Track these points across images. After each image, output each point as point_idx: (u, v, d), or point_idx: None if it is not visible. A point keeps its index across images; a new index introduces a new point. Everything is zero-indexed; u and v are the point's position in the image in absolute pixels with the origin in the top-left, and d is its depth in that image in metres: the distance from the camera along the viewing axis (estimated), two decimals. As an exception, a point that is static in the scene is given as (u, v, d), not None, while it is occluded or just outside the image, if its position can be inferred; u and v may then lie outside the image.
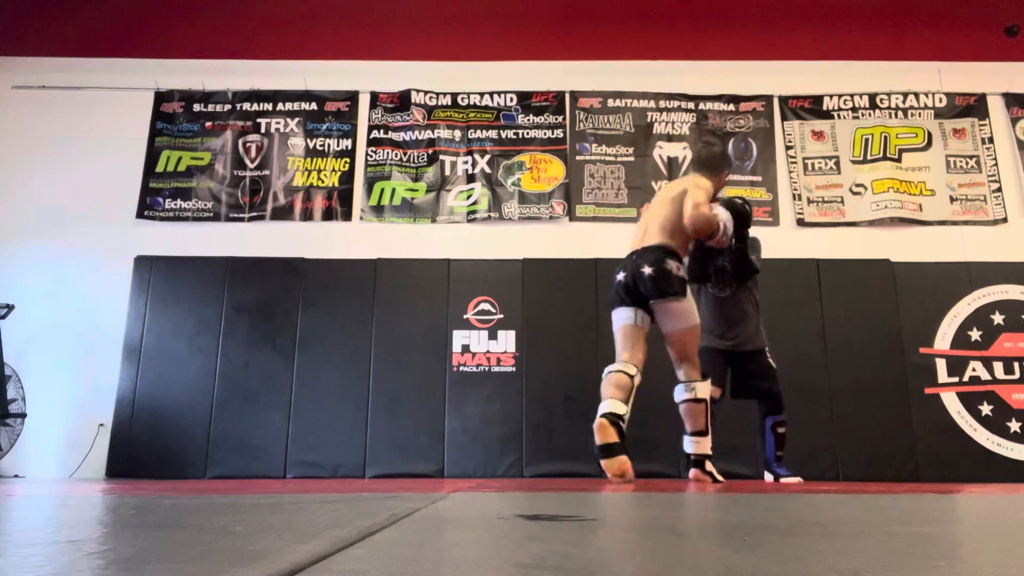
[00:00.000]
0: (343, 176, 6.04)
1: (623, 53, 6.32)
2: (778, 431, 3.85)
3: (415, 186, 6.02)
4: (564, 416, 5.17)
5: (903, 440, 5.10)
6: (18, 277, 5.67)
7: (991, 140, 6.07)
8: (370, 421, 5.20)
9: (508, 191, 6.00)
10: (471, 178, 6.05)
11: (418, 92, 6.24)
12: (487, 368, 5.31)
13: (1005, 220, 5.86)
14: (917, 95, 6.22)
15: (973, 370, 5.27)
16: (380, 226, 5.91)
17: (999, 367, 5.27)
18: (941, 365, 5.28)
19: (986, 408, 5.18)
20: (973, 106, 6.17)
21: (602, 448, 3.06)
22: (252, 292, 5.48)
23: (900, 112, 6.20)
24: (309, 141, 6.14)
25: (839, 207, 5.95)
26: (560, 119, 6.19)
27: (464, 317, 5.42)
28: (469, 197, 6.01)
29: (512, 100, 6.24)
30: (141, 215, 5.91)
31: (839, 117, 6.20)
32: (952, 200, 5.92)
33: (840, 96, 6.24)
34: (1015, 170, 6.02)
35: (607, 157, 6.08)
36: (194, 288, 5.50)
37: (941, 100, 6.20)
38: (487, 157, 6.10)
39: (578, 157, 6.09)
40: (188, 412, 5.21)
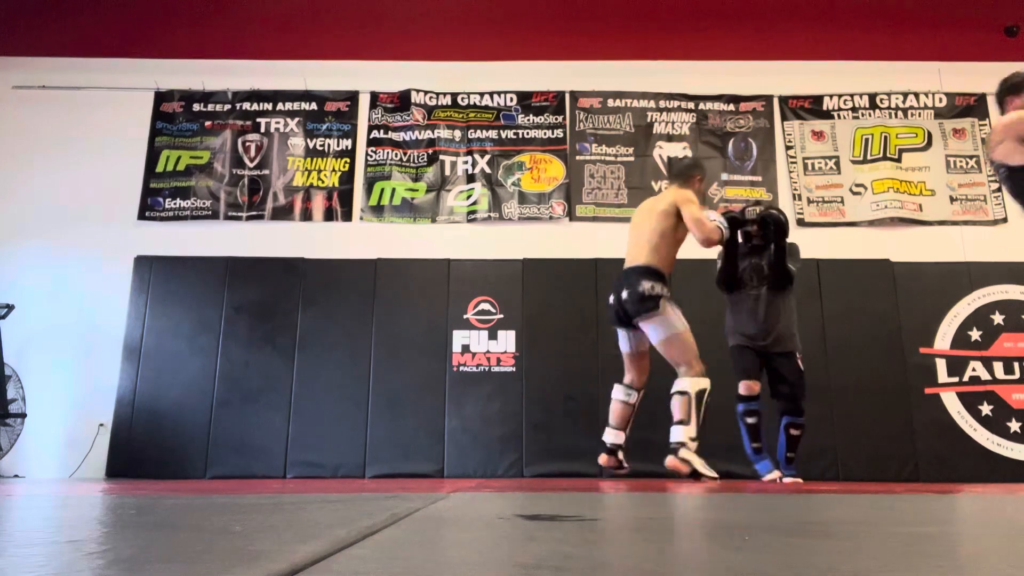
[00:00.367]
0: (343, 176, 6.04)
1: (623, 53, 6.32)
2: (791, 432, 3.89)
3: (415, 186, 6.02)
4: (564, 416, 5.17)
5: (903, 440, 5.10)
6: (18, 277, 5.67)
7: (991, 140, 6.07)
8: (370, 421, 5.20)
9: (508, 191, 6.00)
10: (471, 178, 6.05)
11: (418, 92, 6.24)
12: (487, 368, 5.31)
13: (1005, 220, 5.86)
14: (917, 95, 6.22)
15: (973, 370, 5.27)
16: (380, 226, 5.91)
17: (999, 367, 5.27)
18: (941, 365, 5.28)
19: (986, 408, 5.18)
20: (973, 106, 6.17)
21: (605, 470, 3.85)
22: (252, 292, 5.48)
23: (900, 112, 6.19)
24: (309, 141, 6.14)
25: (839, 207, 5.95)
26: (560, 119, 6.19)
27: (464, 317, 5.42)
28: (469, 197, 6.01)
29: (512, 100, 6.24)
30: (143, 216, 5.92)
31: (839, 117, 6.20)
32: (952, 200, 5.92)
33: (840, 96, 6.23)
34: (1015, 170, 6.01)
35: (607, 157, 6.08)
36: (194, 288, 5.50)
37: (941, 100, 6.20)
38: (487, 157, 6.10)
39: (578, 157, 6.09)
40: (188, 412, 5.21)
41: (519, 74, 6.29)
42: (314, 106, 6.22)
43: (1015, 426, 5.13)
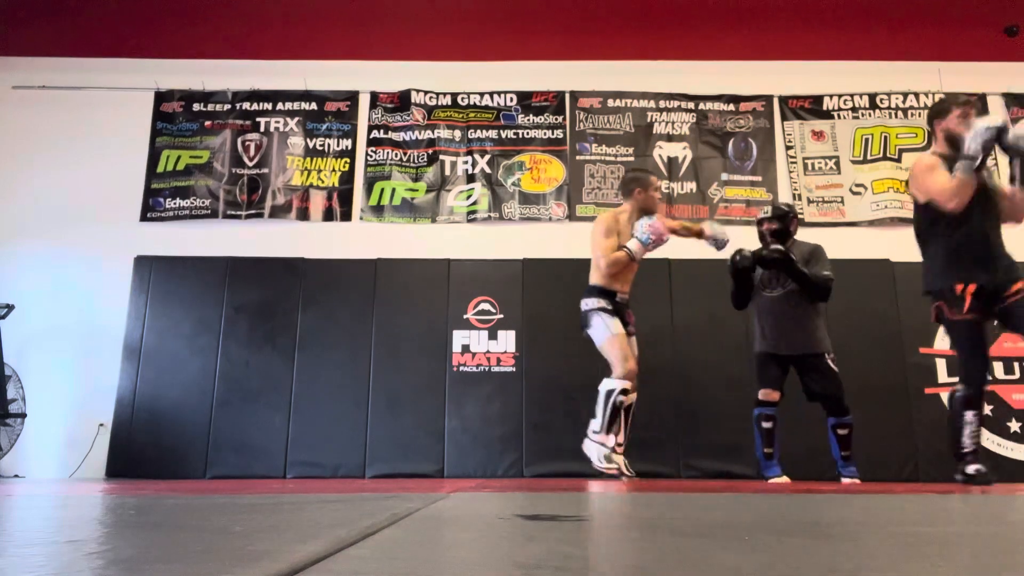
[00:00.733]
0: (343, 176, 6.04)
1: (623, 53, 6.32)
2: (839, 432, 3.87)
3: (415, 186, 6.02)
4: (564, 416, 5.17)
5: (903, 440, 5.10)
6: (18, 277, 5.68)
7: (991, 140, 6.06)
8: (370, 421, 5.20)
9: (508, 191, 6.00)
10: (471, 178, 6.05)
11: (418, 92, 6.24)
12: (487, 368, 5.31)
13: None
14: (917, 95, 6.22)
15: (973, 370, 5.26)
16: (380, 226, 5.91)
17: (999, 367, 5.27)
18: (941, 365, 5.28)
19: (986, 408, 5.18)
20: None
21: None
22: (252, 292, 5.48)
23: (900, 112, 6.20)
24: (309, 141, 6.15)
25: (839, 207, 5.95)
26: (560, 119, 6.19)
27: (464, 317, 5.42)
28: (469, 197, 6.01)
29: (512, 100, 6.24)
30: (145, 218, 5.92)
31: (839, 117, 6.20)
32: (952, 200, 5.91)
33: (840, 96, 6.24)
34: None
35: (607, 157, 6.08)
36: (194, 288, 5.50)
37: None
38: (487, 157, 6.10)
39: (578, 157, 6.09)
40: (188, 412, 5.21)
41: (519, 74, 6.29)
42: (314, 106, 6.22)
43: (1015, 426, 5.13)
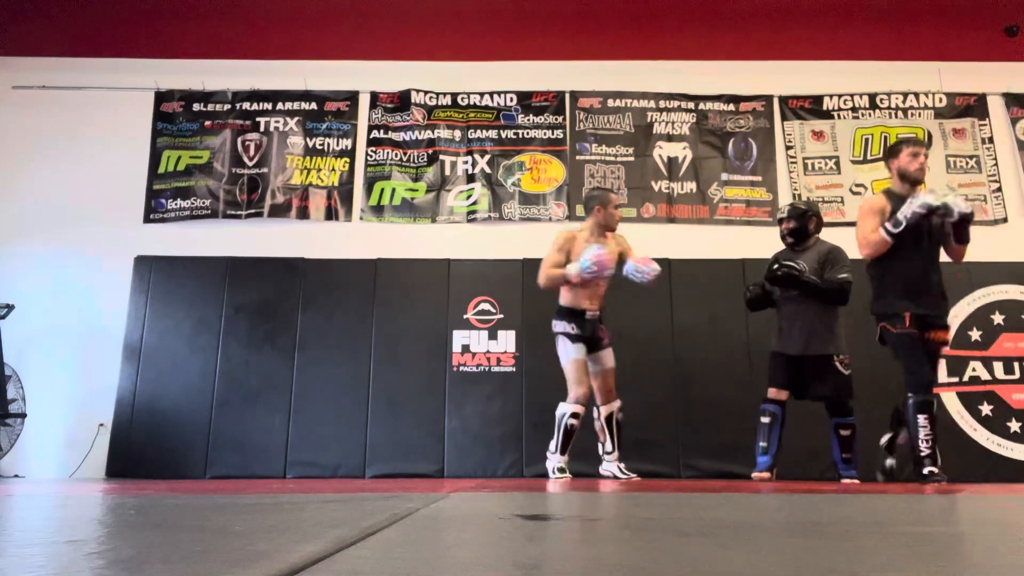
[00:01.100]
0: (343, 176, 6.04)
1: (623, 53, 6.32)
2: (841, 433, 3.87)
3: (415, 186, 6.02)
4: (564, 416, 5.17)
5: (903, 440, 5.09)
6: (18, 277, 5.67)
7: (991, 140, 6.07)
8: (370, 421, 5.20)
9: (508, 191, 6.00)
10: (471, 178, 6.05)
11: (418, 92, 6.24)
12: (487, 368, 5.31)
13: (1005, 220, 5.86)
14: (917, 95, 6.22)
15: (973, 370, 5.27)
16: (380, 226, 5.91)
17: (999, 367, 5.27)
18: (941, 365, 5.28)
19: (986, 408, 5.18)
20: (973, 106, 6.17)
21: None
22: (252, 292, 5.48)
23: (900, 112, 6.20)
24: (309, 141, 6.14)
25: (839, 207, 5.95)
26: (560, 119, 6.19)
27: (464, 317, 5.42)
28: (469, 197, 6.01)
29: (512, 100, 6.24)
30: (148, 219, 5.91)
31: (839, 117, 6.20)
32: (952, 200, 5.92)
33: (840, 96, 6.23)
34: (1015, 170, 6.02)
35: (607, 157, 6.08)
36: (194, 288, 5.50)
37: (941, 100, 6.20)
38: (487, 157, 6.10)
39: (578, 157, 6.08)
40: (188, 412, 5.21)
41: (519, 74, 6.29)
42: (314, 106, 6.22)
43: (1015, 426, 5.13)
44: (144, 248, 5.67)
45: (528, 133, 6.15)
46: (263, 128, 6.18)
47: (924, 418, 3.52)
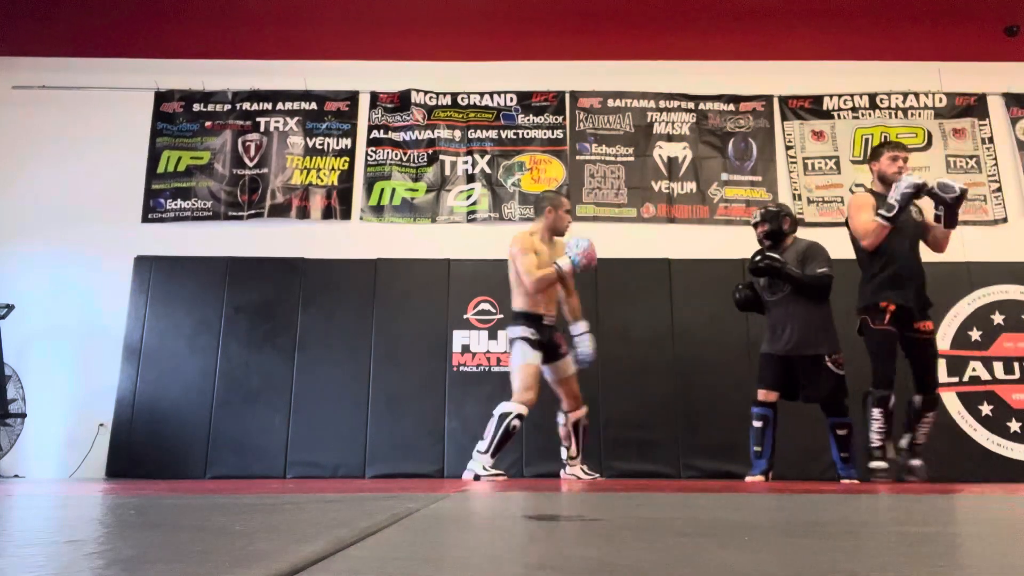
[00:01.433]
0: (343, 176, 6.04)
1: (623, 53, 6.32)
2: (838, 433, 3.87)
3: (415, 186, 6.02)
4: (564, 416, 5.17)
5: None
6: (18, 277, 5.67)
7: (991, 140, 6.07)
8: (370, 421, 5.20)
9: (508, 191, 6.00)
10: (471, 178, 6.05)
11: (418, 92, 6.24)
12: (487, 368, 5.31)
13: (1005, 220, 5.86)
14: (917, 95, 6.22)
15: (973, 370, 5.27)
16: (380, 226, 5.91)
17: (999, 367, 5.27)
18: (941, 365, 5.28)
19: (986, 408, 5.18)
20: (973, 106, 6.17)
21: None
22: (252, 292, 5.48)
23: (900, 112, 6.20)
24: (308, 140, 6.15)
25: (839, 207, 5.95)
26: (560, 119, 6.19)
27: (464, 317, 5.42)
28: (469, 197, 6.01)
29: (512, 100, 6.24)
30: (146, 219, 5.91)
31: (839, 117, 6.20)
32: (952, 200, 5.92)
33: (840, 96, 6.23)
34: (1015, 170, 6.02)
35: (607, 157, 6.08)
36: (194, 288, 5.50)
37: (941, 100, 6.20)
38: (487, 157, 6.10)
39: (578, 157, 6.08)
40: (188, 412, 5.21)
41: (519, 74, 6.29)
42: (314, 106, 6.22)
43: (1015, 426, 5.13)
44: (144, 248, 5.67)
45: (528, 133, 6.15)
46: (263, 128, 6.18)
47: (879, 412, 3.67)
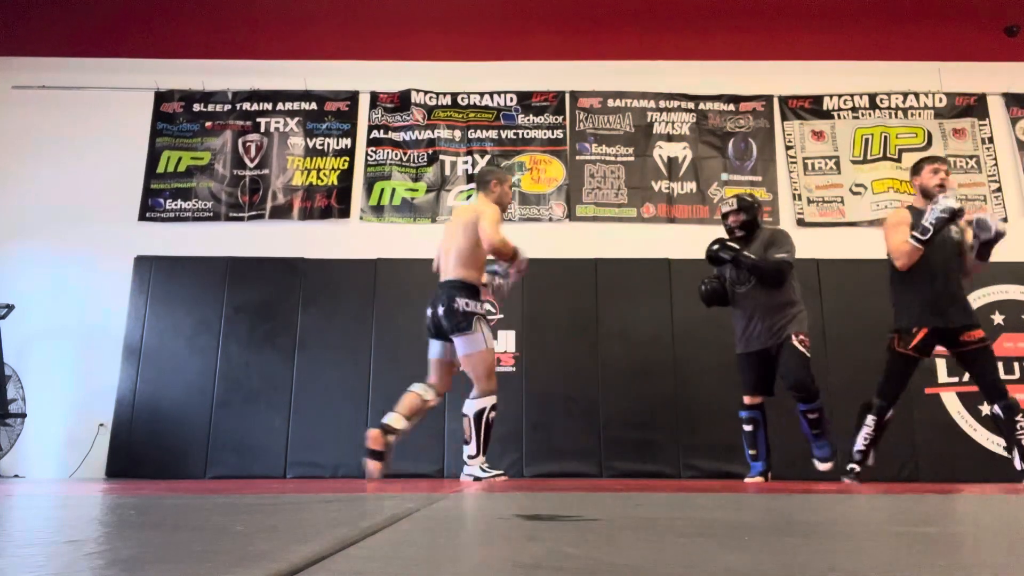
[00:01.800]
0: (343, 176, 6.04)
1: (623, 53, 6.32)
2: (808, 417, 3.82)
3: (415, 186, 6.02)
4: (564, 416, 5.17)
5: (903, 440, 5.10)
6: (18, 277, 5.67)
7: (991, 140, 6.07)
8: (370, 421, 5.19)
9: (508, 191, 6.00)
10: (471, 178, 6.05)
11: (418, 92, 6.24)
12: (487, 368, 5.30)
13: (1005, 220, 5.86)
14: (917, 95, 6.22)
15: (973, 370, 5.26)
16: (380, 226, 5.91)
17: (999, 367, 5.26)
18: (941, 365, 5.28)
19: (986, 408, 5.16)
20: (973, 106, 6.17)
21: (369, 452, 3.61)
22: (252, 292, 5.48)
23: (900, 112, 6.20)
24: (309, 141, 6.15)
25: (839, 207, 5.95)
26: (560, 119, 6.19)
27: (464, 317, 5.41)
28: (469, 197, 6.01)
29: (512, 100, 6.24)
30: (143, 217, 5.92)
31: (839, 117, 6.20)
32: (952, 200, 5.92)
33: (840, 96, 6.24)
34: (1015, 170, 6.02)
35: (607, 157, 6.08)
36: (194, 288, 5.50)
37: (941, 100, 6.20)
38: (487, 157, 6.10)
39: (578, 157, 6.08)
40: (188, 412, 5.21)
41: (519, 74, 6.29)
42: (314, 106, 6.22)
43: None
44: (144, 248, 5.67)
45: (528, 133, 6.15)
46: (263, 129, 6.18)
47: (873, 420, 3.72)
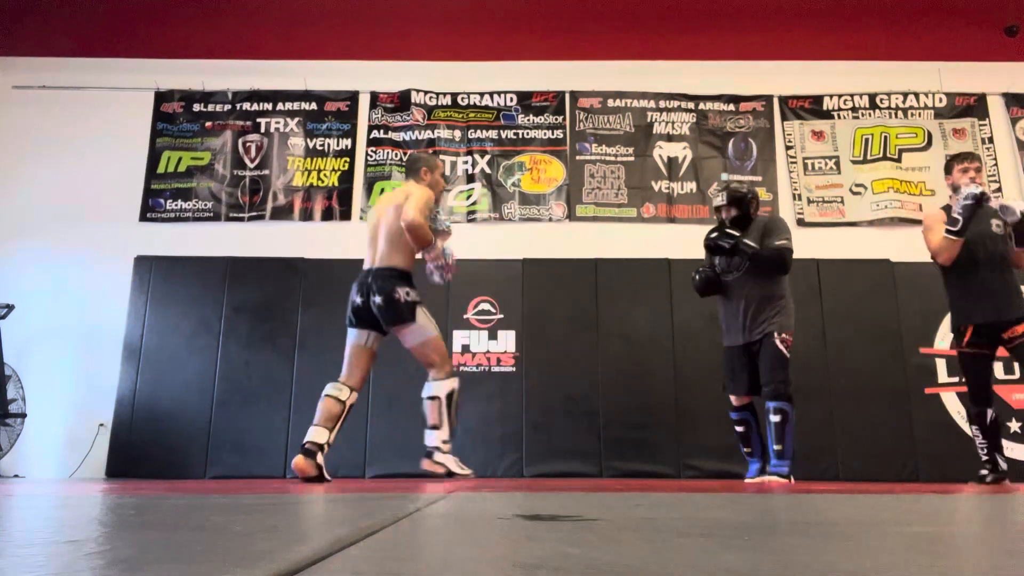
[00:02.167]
0: (343, 176, 6.05)
1: (623, 53, 6.32)
2: (772, 419, 3.59)
3: (415, 186, 6.01)
4: (564, 416, 5.17)
5: (903, 440, 5.10)
6: (18, 277, 5.67)
7: (991, 140, 6.07)
8: (370, 421, 5.19)
9: (508, 191, 6.00)
10: (471, 178, 6.05)
11: (418, 92, 6.24)
12: (487, 368, 5.31)
13: (1005, 220, 5.86)
14: (917, 95, 6.22)
15: (973, 370, 5.26)
16: (380, 226, 5.90)
17: (999, 367, 5.26)
18: (941, 365, 5.28)
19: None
20: (973, 106, 6.17)
21: (303, 479, 3.36)
22: (252, 292, 5.48)
23: (900, 112, 6.20)
24: (309, 141, 6.15)
25: (839, 207, 5.95)
26: (560, 119, 6.19)
27: (464, 317, 5.42)
28: (469, 197, 6.01)
29: (512, 100, 6.24)
30: (144, 217, 5.92)
31: (839, 117, 6.20)
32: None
33: (840, 96, 6.24)
34: (1015, 170, 6.02)
35: (607, 157, 6.08)
36: (194, 288, 5.50)
37: (941, 100, 6.20)
38: (487, 157, 6.10)
39: (578, 157, 6.09)
40: (188, 412, 5.21)
41: (519, 74, 6.29)
42: (314, 106, 6.22)
43: (1015, 426, 5.13)
44: (144, 248, 5.67)
45: (528, 133, 6.15)
46: (264, 129, 6.18)
47: (976, 428, 3.72)
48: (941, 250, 3.64)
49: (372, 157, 6.07)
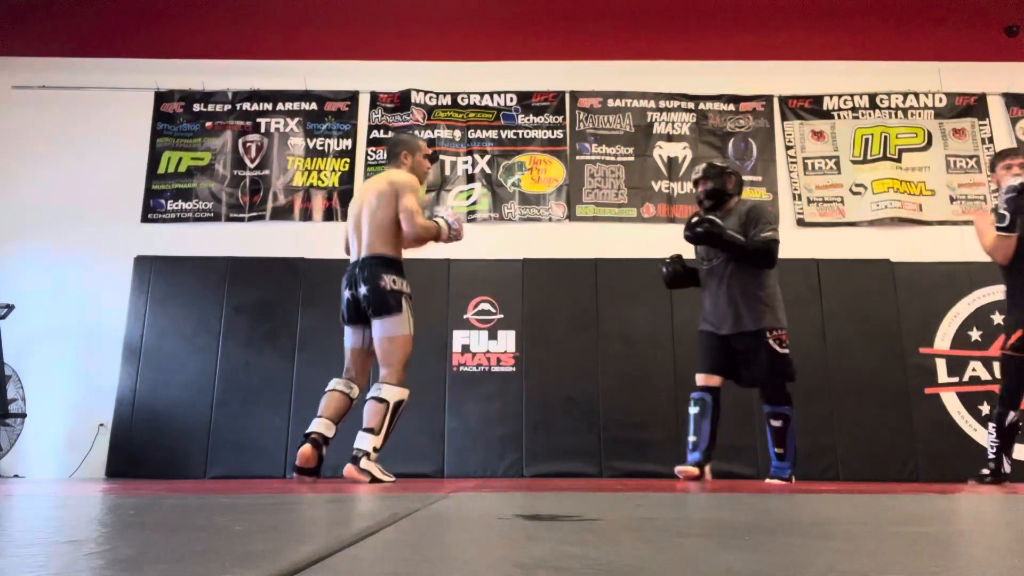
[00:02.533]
0: (343, 176, 6.04)
1: (623, 53, 6.32)
2: (772, 424, 3.50)
3: (415, 186, 6.01)
4: (564, 416, 5.17)
5: (903, 440, 5.10)
6: (18, 277, 5.67)
7: (991, 140, 6.07)
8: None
9: (508, 191, 6.00)
10: (471, 178, 6.05)
11: (418, 92, 6.24)
12: (487, 368, 5.31)
13: (1005, 220, 5.86)
14: (917, 95, 6.22)
15: (973, 370, 5.27)
16: (380, 226, 5.90)
17: (998, 367, 5.26)
18: (941, 365, 5.28)
19: (986, 408, 5.17)
20: (973, 106, 6.17)
21: (298, 469, 3.26)
22: (252, 292, 5.48)
23: (900, 112, 6.20)
24: (309, 141, 6.15)
25: (839, 207, 5.95)
26: (560, 119, 6.19)
27: (464, 317, 5.42)
28: (469, 197, 6.01)
29: (512, 100, 6.24)
30: (146, 219, 5.92)
31: (839, 117, 6.20)
32: (952, 200, 5.92)
33: (840, 96, 6.24)
34: (1015, 170, 6.01)
35: (607, 157, 6.08)
36: (194, 288, 5.50)
37: (941, 100, 6.20)
38: (487, 157, 6.10)
39: (578, 157, 6.09)
40: (188, 412, 5.21)
41: (519, 74, 6.29)
42: (314, 106, 6.22)
43: None
44: (144, 248, 5.67)
45: (528, 133, 6.15)
46: (264, 129, 6.18)
47: (993, 427, 3.67)
48: (995, 248, 3.59)
49: (372, 157, 6.07)
